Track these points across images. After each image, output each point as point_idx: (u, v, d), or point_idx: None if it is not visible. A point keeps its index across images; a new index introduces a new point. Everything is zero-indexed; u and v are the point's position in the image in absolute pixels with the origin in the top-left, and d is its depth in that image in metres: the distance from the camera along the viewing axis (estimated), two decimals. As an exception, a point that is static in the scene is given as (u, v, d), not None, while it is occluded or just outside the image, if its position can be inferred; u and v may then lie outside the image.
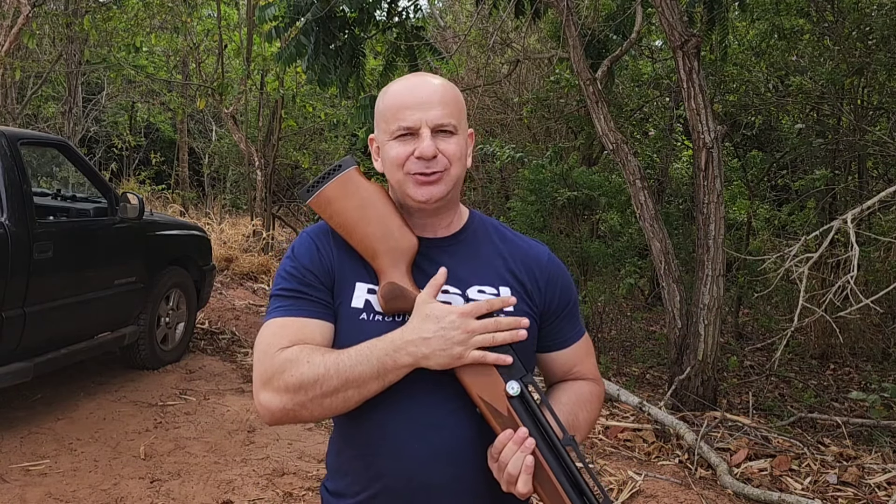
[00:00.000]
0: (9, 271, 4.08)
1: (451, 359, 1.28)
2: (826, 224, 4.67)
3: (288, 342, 1.32)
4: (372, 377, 1.27)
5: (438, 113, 1.37)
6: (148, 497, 3.67)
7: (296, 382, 1.27)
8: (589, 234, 8.26)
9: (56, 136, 6.11)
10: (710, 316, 5.22)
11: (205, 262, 6.27)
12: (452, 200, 1.46)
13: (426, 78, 1.44)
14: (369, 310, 1.38)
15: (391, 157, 1.39)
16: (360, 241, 1.39)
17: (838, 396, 6.37)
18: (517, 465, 1.25)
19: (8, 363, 4.17)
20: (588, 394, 1.51)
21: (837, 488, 4.01)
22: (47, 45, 13.11)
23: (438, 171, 1.37)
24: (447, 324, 1.28)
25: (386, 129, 1.40)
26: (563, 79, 8.59)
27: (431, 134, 1.36)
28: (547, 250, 1.55)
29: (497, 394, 1.30)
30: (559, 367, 1.53)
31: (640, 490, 3.92)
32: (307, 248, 1.43)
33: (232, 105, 11.81)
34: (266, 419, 1.33)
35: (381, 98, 1.44)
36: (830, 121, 8.39)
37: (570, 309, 1.52)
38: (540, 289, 1.47)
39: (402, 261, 1.37)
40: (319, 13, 6.46)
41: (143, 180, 15.90)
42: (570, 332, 1.52)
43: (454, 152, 1.38)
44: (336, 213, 1.41)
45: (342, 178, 1.43)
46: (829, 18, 7.34)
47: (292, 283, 1.39)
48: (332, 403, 1.28)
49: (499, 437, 1.28)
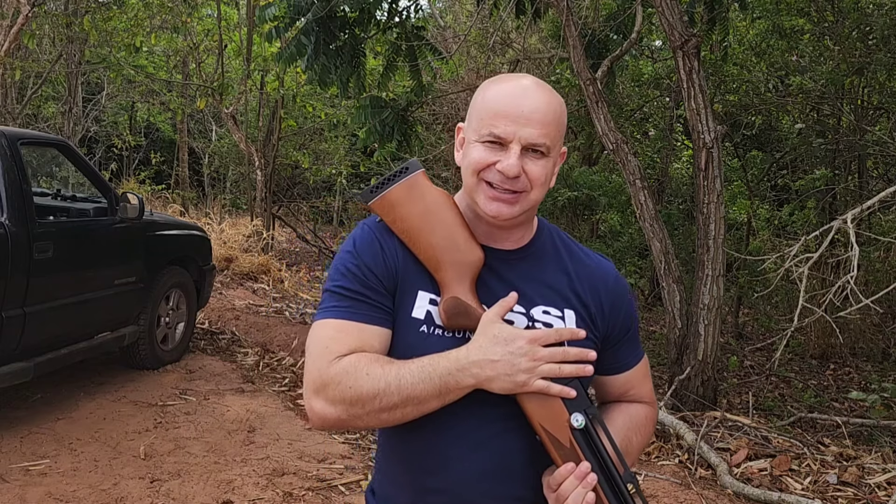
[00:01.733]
0: (9, 271, 4.08)
1: (515, 385, 1.23)
2: (826, 224, 4.67)
3: (346, 349, 1.27)
4: (433, 396, 1.23)
5: (535, 133, 1.27)
6: (148, 497, 3.67)
7: (354, 395, 1.23)
8: (589, 233, 8.28)
9: (56, 136, 6.12)
10: (710, 316, 5.22)
11: (205, 262, 6.27)
12: (526, 220, 1.39)
13: (533, 88, 1.32)
14: (430, 322, 1.32)
15: (472, 159, 1.31)
16: (423, 251, 1.32)
17: (838, 396, 6.37)
18: (577, 501, 1.23)
19: (8, 363, 4.17)
20: (644, 418, 1.48)
21: (837, 488, 4.01)
22: (47, 45, 13.11)
23: (516, 192, 1.30)
24: (515, 349, 1.23)
25: (477, 129, 1.32)
26: (563, 79, 8.60)
27: (521, 151, 1.28)
28: (614, 269, 1.48)
29: (560, 424, 1.26)
30: (616, 389, 1.48)
31: (640, 490, 3.91)
32: (370, 244, 1.34)
33: (232, 105, 11.80)
34: (316, 425, 1.29)
35: (481, 92, 1.36)
36: (830, 121, 8.40)
37: (631, 334, 1.47)
38: (605, 313, 1.41)
39: (466, 275, 1.30)
40: (320, 13, 6.45)
41: (143, 180, 15.89)
42: (630, 356, 1.48)
43: (538, 176, 1.30)
44: (400, 219, 1.34)
45: (408, 181, 1.35)
46: (830, 18, 7.34)
47: (353, 283, 1.31)
48: (388, 418, 1.25)
49: (560, 469, 1.25)
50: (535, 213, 1.43)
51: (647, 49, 9.84)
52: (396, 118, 6.83)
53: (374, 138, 7.05)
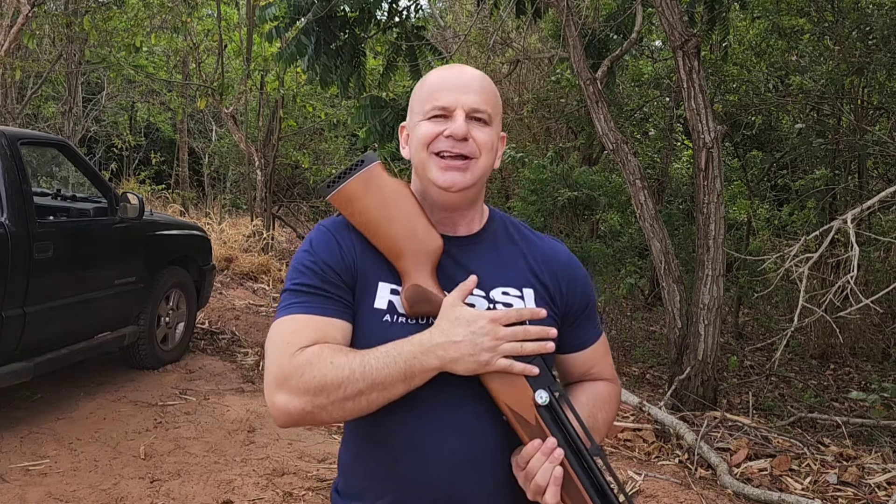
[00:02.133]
0: (9, 271, 4.08)
1: (479, 365, 1.25)
2: (826, 224, 4.67)
3: (308, 341, 1.26)
4: (398, 380, 1.23)
5: (476, 98, 1.34)
6: (148, 497, 3.67)
7: (318, 384, 1.22)
8: (589, 234, 8.28)
9: (56, 136, 6.12)
10: (710, 316, 5.22)
11: (205, 262, 6.27)
12: (477, 196, 1.42)
13: (467, 67, 1.41)
14: (393, 311, 1.33)
15: (419, 136, 1.35)
16: (383, 241, 1.34)
17: (838, 396, 6.37)
18: (545, 477, 1.23)
19: (8, 363, 4.17)
20: (606, 394, 1.50)
21: (837, 488, 4.01)
22: (47, 44, 13.11)
23: (466, 157, 1.33)
24: (477, 329, 1.25)
25: (420, 110, 1.37)
26: (563, 79, 8.60)
27: (466, 118, 1.33)
28: (566, 249, 1.52)
29: (525, 403, 1.27)
30: (577, 367, 1.51)
31: (641, 490, 3.92)
32: (326, 242, 1.37)
33: (232, 105, 11.80)
34: (280, 421, 1.26)
35: (420, 83, 1.41)
36: (830, 120, 8.40)
37: (589, 310, 1.50)
38: (562, 291, 1.44)
39: (426, 262, 1.32)
40: (320, 13, 6.46)
41: (143, 180, 15.88)
42: (589, 333, 1.50)
43: (485, 141, 1.35)
44: (358, 212, 1.36)
45: (365, 174, 1.37)
46: (830, 18, 7.34)
47: (311, 279, 1.32)
48: (353, 406, 1.24)
49: (526, 446, 1.26)
50: (483, 193, 1.46)
51: (647, 49, 9.85)
52: (396, 118, 6.83)
53: (375, 138, 7.05)
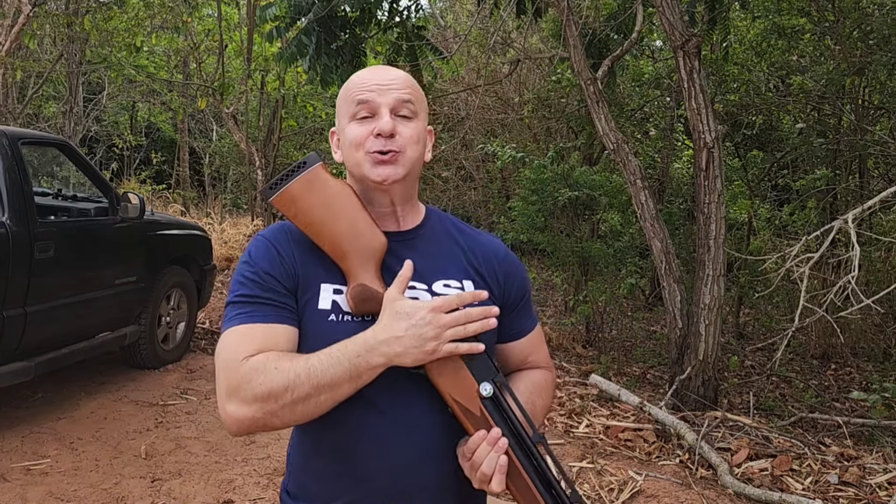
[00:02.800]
0: (10, 271, 4.08)
1: (425, 354, 1.26)
2: (827, 224, 4.67)
3: (253, 349, 1.27)
4: (345, 380, 1.24)
5: (399, 94, 1.38)
6: (149, 496, 3.67)
7: (265, 391, 1.23)
8: (590, 233, 8.27)
9: (57, 136, 6.12)
10: (711, 316, 5.22)
11: (205, 262, 6.27)
12: (410, 189, 1.46)
13: (389, 67, 1.45)
14: (337, 311, 1.35)
15: (350, 138, 1.39)
16: (327, 241, 1.36)
17: (839, 396, 6.36)
18: (491, 465, 1.25)
19: (9, 362, 4.17)
20: (543, 381, 1.54)
21: (838, 488, 4.01)
22: (48, 44, 13.13)
23: (394, 151, 1.36)
24: (418, 320, 1.26)
25: (346, 112, 1.40)
26: (563, 78, 8.59)
27: (391, 115, 1.37)
28: (503, 244, 1.57)
29: (470, 395, 1.30)
30: (515, 356, 1.55)
31: (641, 490, 3.92)
32: (265, 251, 1.38)
33: (232, 105, 11.81)
34: (233, 430, 1.28)
35: (343, 88, 1.45)
36: (831, 120, 8.39)
37: (525, 301, 1.55)
38: (500, 282, 1.49)
39: (371, 261, 1.35)
40: (321, 13, 6.46)
41: (144, 180, 15.89)
42: (525, 323, 1.54)
43: (411, 134, 1.39)
44: (301, 212, 1.37)
45: (307, 175, 1.38)
46: (830, 18, 7.34)
47: (252, 289, 1.34)
48: (304, 409, 1.24)
49: (472, 437, 1.29)
50: (417, 185, 1.50)
51: (647, 49, 9.84)
52: (397, 118, 6.82)
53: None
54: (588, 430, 4.87)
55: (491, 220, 11.15)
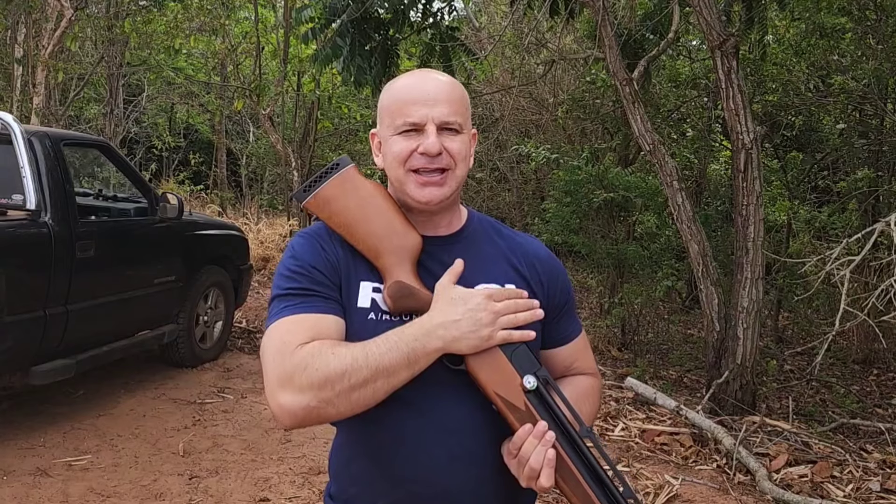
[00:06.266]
0: (52, 270, 4.16)
1: (481, 340, 1.26)
2: (868, 226, 4.58)
3: (305, 338, 1.24)
4: (402, 365, 1.23)
5: (445, 110, 1.34)
6: (186, 493, 3.72)
7: (322, 377, 1.19)
8: (625, 235, 8.20)
9: (97, 137, 6.23)
10: (749, 319, 5.15)
11: (242, 262, 6.34)
12: (453, 201, 1.44)
13: (432, 74, 1.41)
14: (377, 309, 1.34)
15: (394, 153, 1.36)
16: (362, 241, 1.35)
17: (881, 402, 6.24)
18: (539, 460, 1.23)
19: (51, 360, 4.25)
20: (589, 387, 1.51)
21: (881, 496, 3.93)
22: (89, 47, 13.37)
23: (443, 170, 1.34)
24: (474, 305, 1.26)
25: (390, 123, 1.37)
26: (598, 79, 8.54)
27: (437, 131, 1.33)
28: (543, 246, 1.55)
29: (513, 389, 1.28)
30: (560, 362, 1.51)
31: (678, 494, 3.88)
32: (309, 246, 1.38)
33: (269, 106, 11.92)
34: (286, 423, 1.23)
35: (385, 92, 1.41)
36: (873, 121, 8.22)
37: (569, 304, 1.52)
38: (543, 284, 1.46)
39: (406, 259, 1.34)
40: (355, 14, 6.49)
41: (182, 181, 16.10)
42: (571, 328, 1.52)
43: (458, 151, 1.36)
44: (335, 213, 1.37)
45: (340, 176, 1.38)
46: (872, 17, 7.20)
47: (300, 282, 1.32)
48: (360, 397, 1.21)
49: (518, 432, 1.27)
50: (459, 197, 1.47)
51: (684, 49, 9.73)
52: (431, 119, 6.83)
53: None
54: (624, 434, 4.83)
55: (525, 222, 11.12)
